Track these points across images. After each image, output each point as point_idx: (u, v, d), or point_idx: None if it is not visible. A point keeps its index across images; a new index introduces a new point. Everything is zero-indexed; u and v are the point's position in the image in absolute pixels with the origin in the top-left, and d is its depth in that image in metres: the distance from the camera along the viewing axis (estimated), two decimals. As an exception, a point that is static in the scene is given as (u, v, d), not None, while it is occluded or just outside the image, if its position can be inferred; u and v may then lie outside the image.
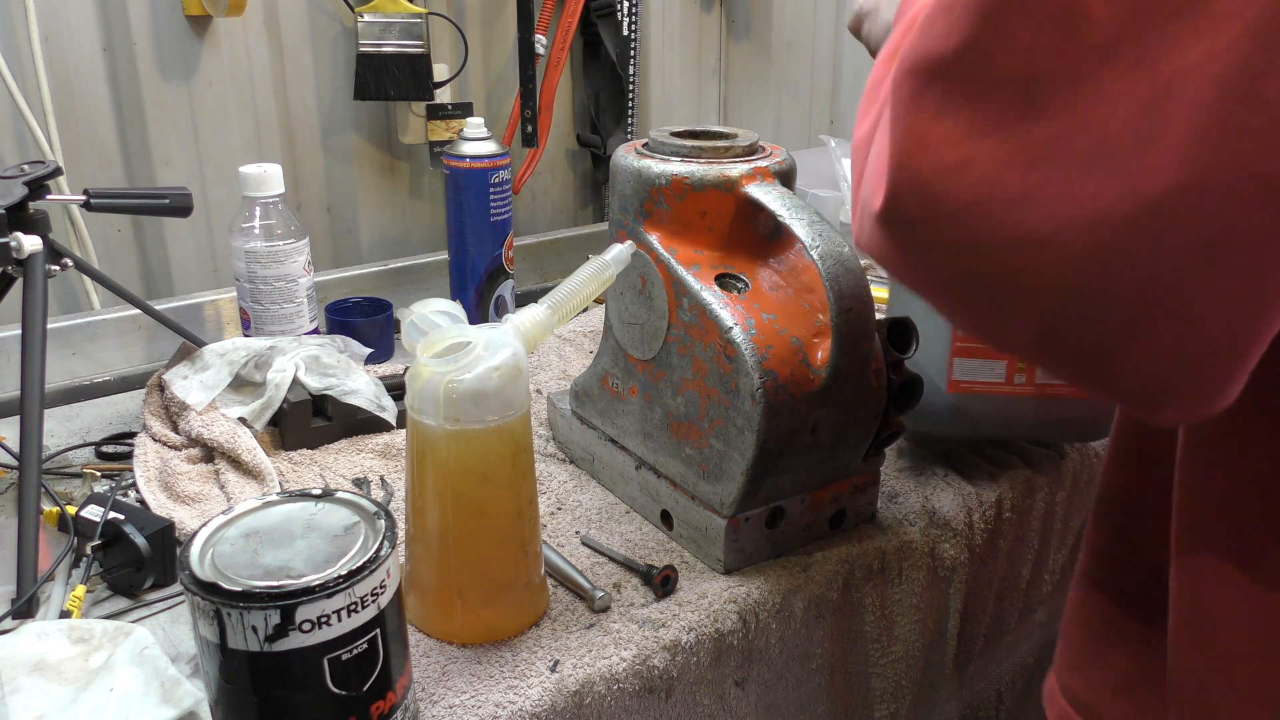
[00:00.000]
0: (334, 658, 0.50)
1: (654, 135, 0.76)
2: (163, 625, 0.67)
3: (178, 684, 0.58)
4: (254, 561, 0.51)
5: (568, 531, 0.78)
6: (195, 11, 1.12)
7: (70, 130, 1.09)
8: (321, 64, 1.23)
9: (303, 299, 1.00)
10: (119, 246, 1.15)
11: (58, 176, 0.85)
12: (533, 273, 1.36)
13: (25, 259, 0.80)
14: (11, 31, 1.03)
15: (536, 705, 0.61)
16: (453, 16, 1.28)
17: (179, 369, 0.90)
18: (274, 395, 0.87)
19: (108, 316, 1.07)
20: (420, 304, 0.63)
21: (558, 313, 0.64)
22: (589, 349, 1.11)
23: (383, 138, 1.30)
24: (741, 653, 0.70)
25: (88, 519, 0.70)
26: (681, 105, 1.59)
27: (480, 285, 1.12)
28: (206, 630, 0.49)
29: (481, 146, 1.07)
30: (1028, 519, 0.89)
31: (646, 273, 0.75)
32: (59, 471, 0.86)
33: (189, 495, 0.79)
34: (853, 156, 0.45)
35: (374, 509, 0.55)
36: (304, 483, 0.83)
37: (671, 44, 1.54)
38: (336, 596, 0.49)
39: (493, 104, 1.38)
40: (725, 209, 0.73)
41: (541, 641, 0.66)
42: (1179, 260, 0.32)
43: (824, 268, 0.66)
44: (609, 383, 0.82)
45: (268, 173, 0.96)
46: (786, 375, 0.68)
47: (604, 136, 1.45)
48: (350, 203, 1.30)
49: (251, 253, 0.96)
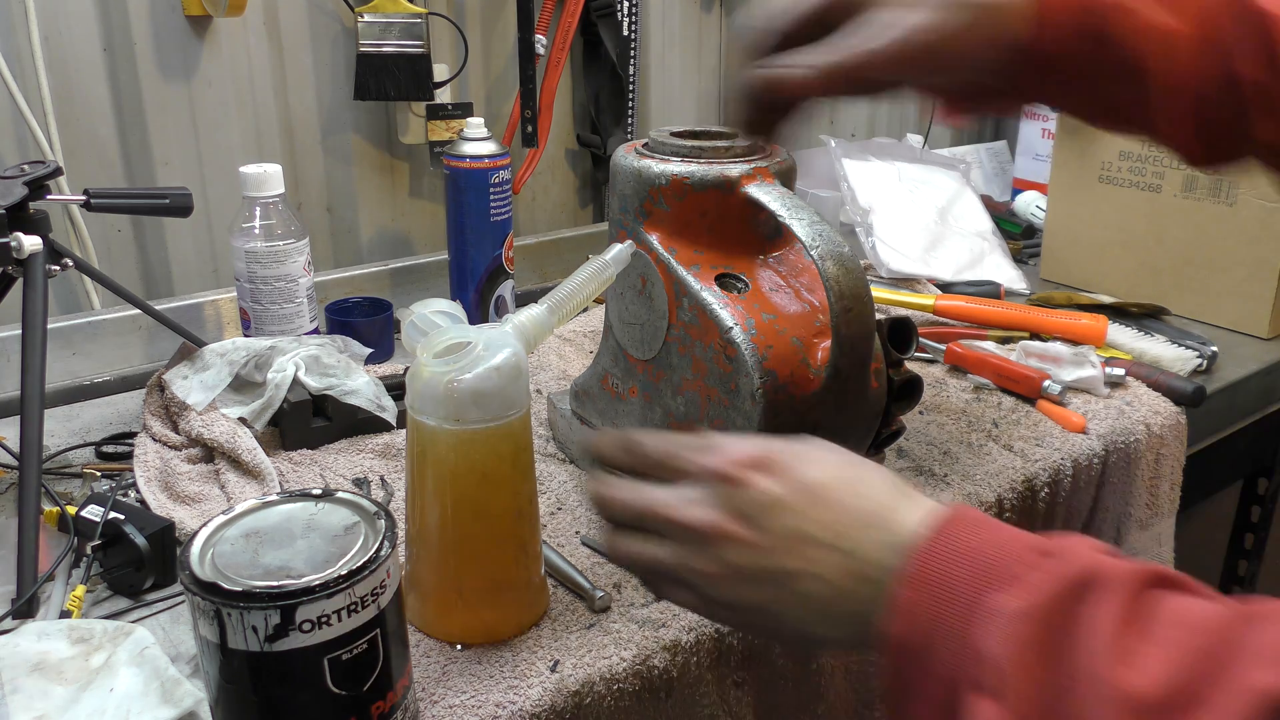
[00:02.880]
0: (334, 658, 0.50)
1: (654, 135, 0.76)
2: (163, 625, 0.67)
3: (178, 684, 0.58)
4: (254, 561, 0.51)
5: (568, 531, 0.78)
6: (195, 11, 1.12)
7: (70, 130, 1.09)
8: (321, 64, 1.23)
9: (303, 299, 1.00)
10: (119, 246, 1.15)
11: (58, 176, 0.85)
12: (533, 273, 1.36)
13: (25, 259, 0.80)
14: (11, 31, 1.03)
15: (536, 705, 0.61)
16: (453, 16, 1.28)
17: (179, 369, 0.90)
18: (274, 395, 0.87)
19: (108, 316, 1.07)
20: (420, 304, 0.63)
21: (557, 313, 0.64)
22: (589, 349, 1.11)
23: (383, 138, 1.30)
24: (741, 653, 0.70)
25: (88, 519, 0.70)
26: (681, 105, 1.59)
27: (480, 285, 1.12)
28: (206, 630, 0.49)
29: (481, 146, 1.07)
30: (1028, 519, 0.89)
31: (646, 273, 0.75)
32: (59, 471, 0.86)
33: (189, 495, 0.79)
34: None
35: (374, 509, 0.55)
36: (304, 483, 0.83)
37: (671, 44, 1.54)
38: (336, 596, 0.49)
39: (493, 104, 1.38)
40: (725, 209, 0.73)
41: (541, 641, 0.66)
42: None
43: (824, 268, 0.66)
44: (609, 383, 0.82)
45: (268, 173, 0.96)
46: (786, 375, 0.68)
47: (604, 136, 1.45)
48: (350, 203, 1.30)
49: (251, 253, 0.96)
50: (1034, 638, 0.38)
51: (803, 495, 0.46)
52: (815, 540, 0.45)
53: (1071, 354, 1.02)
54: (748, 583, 0.46)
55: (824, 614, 0.45)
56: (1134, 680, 0.36)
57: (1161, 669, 0.36)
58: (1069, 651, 0.38)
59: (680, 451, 0.49)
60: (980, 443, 0.93)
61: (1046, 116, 1.56)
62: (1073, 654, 0.38)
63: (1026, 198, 1.54)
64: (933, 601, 0.42)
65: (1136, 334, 1.12)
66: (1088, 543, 0.42)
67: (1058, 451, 0.91)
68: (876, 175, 1.40)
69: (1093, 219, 1.28)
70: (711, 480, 0.47)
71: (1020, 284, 1.29)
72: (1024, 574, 0.40)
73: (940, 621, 0.41)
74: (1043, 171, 1.49)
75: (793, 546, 0.45)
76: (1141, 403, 0.99)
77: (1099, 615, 0.38)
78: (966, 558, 0.42)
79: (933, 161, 1.48)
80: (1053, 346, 1.04)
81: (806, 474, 0.46)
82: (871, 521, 0.45)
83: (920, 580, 0.42)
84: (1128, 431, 0.95)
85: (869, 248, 1.30)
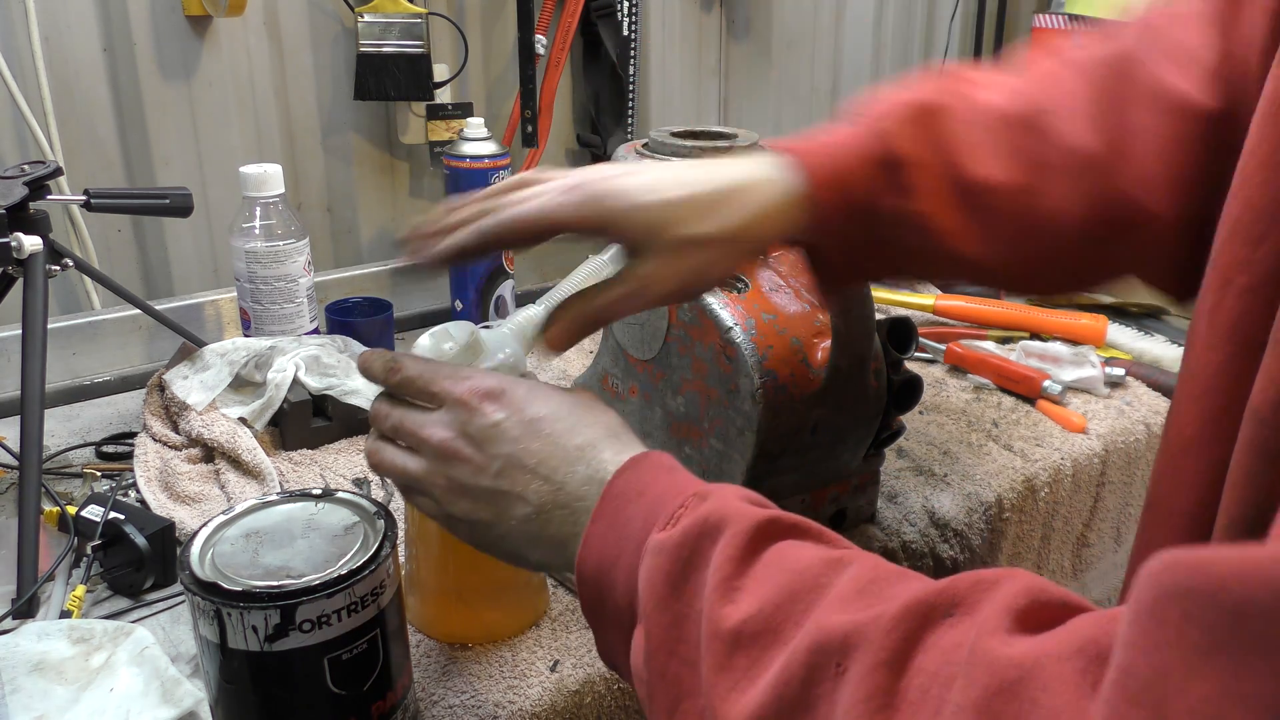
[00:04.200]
0: (334, 658, 0.50)
1: (654, 135, 0.76)
2: (163, 625, 0.67)
3: (178, 684, 0.58)
4: (254, 561, 0.51)
5: (568, 531, 0.78)
6: (195, 11, 1.12)
7: (70, 130, 1.09)
8: (321, 64, 1.23)
9: (303, 299, 1.00)
10: (119, 246, 1.15)
11: (58, 176, 0.85)
12: (533, 273, 1.35)
13: (25, 259, 0.80)
14: (11, 31, 1.03)
15: (536, 705, 0.61)
16: (453, 16, 1.28)
17: (179, 369, 0.90)
18: (274, 395, 0.87)
19: (108, 316, 1.07)
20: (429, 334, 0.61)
21: (556, 313, 0.64)
22: (589, 349, 1.11)
23: (383, 138, 1.30)
24: (741, 653, 0.70)
25: (88, 519, 0.70)
26: (681, 105, 1.59)
27: (480, 285, 1.11)
28: (206, 630, 0.49)
29: (481, 146, 1.07)
30: (1028, 519, 0.89)
31: (646, 273, 0.74)
32: (59, 471, 0.86)
33: (189, 495, 0.79)
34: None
35: (374, 509, 0.55)
36: (304, 483, 0.83)
37: (671, 44, 1.54)
38: (336, 596, 0.49)
39: (493, 104, 1.38)
40: (725, 209, 0.72)
41: (541, 641, 0.66)
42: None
43: (824, 268, 0.65)
44: (609, 383, 0.82)
45: (268, 173, 0.96)
46: (786, 375, 0.68)
47: (604, 136, 1.45)
48: (350, 203, 1.30)
49: (252, 253, 0.96)
50: (666, 570, 0.43)
51: (523, 427, 0.51)
52: (526, 468, 0.50)
53: (1071, 354, 1.02)
54: (471, 498, 0.51)
55: (532, 537, 0.50)
56: (729, 614, 0.40)
57: (752, 605, 0.40)
58: (690, 584, 0.42)
59: (434, 377, 0.53)
60: (980, 443, 0.93)
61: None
62: (693, 587, 0.42)
63: (1026, 198, 1.54)
64: (615, 536, 0.46)
65: (1136, 334, 1.12)
66: (738, 492, 0.46)
67: (1058, 451, 0.91)
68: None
69: (1093, 219, 1.27)
70: (453, 405, 0.52)
71: (1020, 284, 1.29)
72: (681, 516, 0.44)
73: (620, 556, 0.46)
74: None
75: (507, 471, 0.50)
76: (1141, 403, 0.99)
77: (717, 554, 0.42)
78: (644, 498, 0.46)
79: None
80: (1053, 346, 1.04)
81: (530, 408, 0.51)
82: (579, 458, 0.50)
83: (604, 515, 0.47)
84: (1128, 431, 0.95)
85: (869, 248, 1.29)
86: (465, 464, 0.51)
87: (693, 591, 0.42)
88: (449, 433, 0.51)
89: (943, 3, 1.84)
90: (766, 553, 0.42)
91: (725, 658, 0.40)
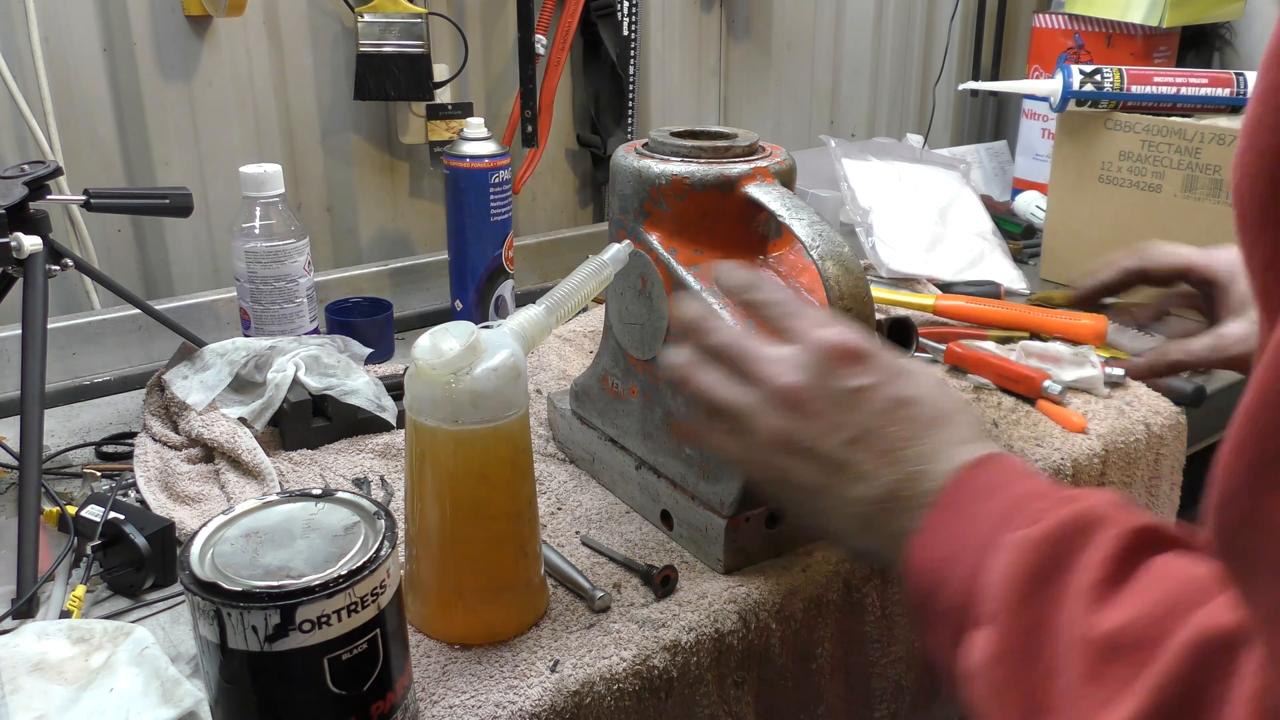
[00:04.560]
0: (334, 658, 0.50)
1: (654, 135, 0.76)
2: (163, 625, 0.67)
3: (178, 684, 0.58)
4: (254, 561, 0.51)
5: (568, 531, 0.78)
6: (195, 11, 1.12)
7: (70, 130, 1.09)
8: (321, 64, 1.23)
9: (303, 299, 1.00)
10: (119, 246, 1.15)
11: (58, 176, 0.85)
12: (533, 273, 1.36)
13: (25, 259, 0.80)
14: (11, 31, 1.03)
15: (536, 705, 0.61)
16: (453, 16, 1.28)
17: (179, 369, 0.90)
18: (274, 395, 0.87)
19: (108, 316, 1.07)
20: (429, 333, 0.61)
21: (556, 313, 0.64)
22: (589, 349, 1.11)
23: (383, 138, 1.30)
24: (741, 653, 0.70)
25: (88, 519, 0.70)
26: (681, 105, 1.59)
27: (480, 285, 1.12)
28: (206, 630, 0.49)
29: (481, 146, 1.07)
30: (1028, 519, 0.89)
31: (646, 273, 0.75)
32: (59, 471, 0.86)
33: (189, 495, 0.79)
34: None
35: (374, 509, 0.55)
36: (304, 483, 0.83)
37: (671, 44, 1.54)
38: (336, 596, 0.49)
39: (493, 104, 1.38)
40: (725, 209, 0.73)
41: (541, 641, 0.66)
42: None
43: (824, 268, 0.66)
44: (609, 383, 0.82)
45: (268, 173, 0.96)
46: (786, 375, 0.68)
47: (604, 136, 1.45)
48: (350, 203, 1.30)
49: (252, 253, 0.96)
50: (1030, 565, 0.39)
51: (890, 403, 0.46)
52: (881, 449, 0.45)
53: (1071, 354, 1.02)
54: (803, 458, 0.47)
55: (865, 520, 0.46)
56: (1102, 620, 0.37)
57: (1128, 615, 0.36)
58: (1057, 583, 0.38)
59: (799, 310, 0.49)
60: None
61: (1046, 116, 1.56)
62: (1060, 586, 0.38)
63: (1026, 198, 1.54)
64: (959, 530, 0.42)
65: (1136, 334, 1.12)
66: (1109, 495, 0.42)
67: (1058, 451, 0.91)
68: (876, 175, 1.40)
69: (1093, 219, 1.28)
70: (818, 351, 0.47)
71: (1020, 284, 1.29)
72: (1044, 517, 0.41)
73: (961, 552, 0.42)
74: (1043, 171, 1.49)
75: (860, 443, 0.45)
76: (1141, 403, 0.99)
77: (1090, 556, 0.39)
78: (995, 497, 0.42)
79: (933, 161, 1.48)
80: (1053, 346, 1.04)
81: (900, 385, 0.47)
82: (935, 454, 0.45)
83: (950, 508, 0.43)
84: (1128, 431, 0.95)
85: (869, 248, 1.30)
86: (811, 420, 0.46)
87: (1059, 590, 0.38)
88: (801, 378, 0.46)
89: (943, 3, 1.84)
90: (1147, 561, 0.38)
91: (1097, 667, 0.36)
